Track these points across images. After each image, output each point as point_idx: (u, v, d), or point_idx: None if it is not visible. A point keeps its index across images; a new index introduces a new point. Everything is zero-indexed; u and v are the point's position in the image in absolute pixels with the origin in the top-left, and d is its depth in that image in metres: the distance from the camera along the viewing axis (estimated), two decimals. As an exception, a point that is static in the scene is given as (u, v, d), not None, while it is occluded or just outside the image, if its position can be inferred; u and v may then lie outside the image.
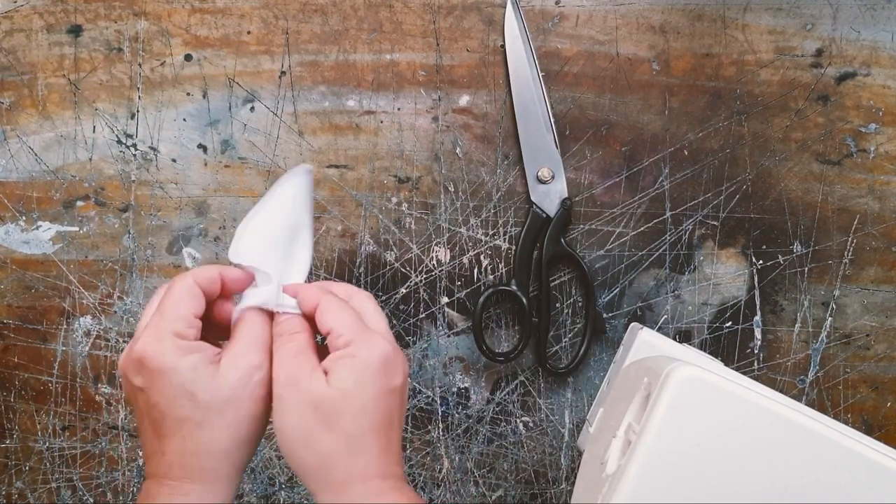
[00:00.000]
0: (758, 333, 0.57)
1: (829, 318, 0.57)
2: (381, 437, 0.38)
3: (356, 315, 0.40)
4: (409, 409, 0.58)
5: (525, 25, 0.56)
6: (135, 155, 0.57)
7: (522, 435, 0.58)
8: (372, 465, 0.37)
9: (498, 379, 0.58)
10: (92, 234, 0.57)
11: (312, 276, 0.57)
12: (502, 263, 0.57)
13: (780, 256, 0.57)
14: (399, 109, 0.57)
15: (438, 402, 0.58)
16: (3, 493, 0.58)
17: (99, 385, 0.58)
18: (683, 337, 0.57)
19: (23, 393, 0.58)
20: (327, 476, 0.37)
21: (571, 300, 0.57)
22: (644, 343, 0.52)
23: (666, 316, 0.57)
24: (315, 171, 0.57)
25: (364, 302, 0.41)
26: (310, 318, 0.40)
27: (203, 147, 0.57)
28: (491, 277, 0.57)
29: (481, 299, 0.55)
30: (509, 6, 0.55)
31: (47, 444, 0.58)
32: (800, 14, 0.56)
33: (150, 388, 0.36)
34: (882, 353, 0.57)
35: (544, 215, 0.56)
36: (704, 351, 0.56)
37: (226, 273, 0.41)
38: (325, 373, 0.38)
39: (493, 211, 0.57)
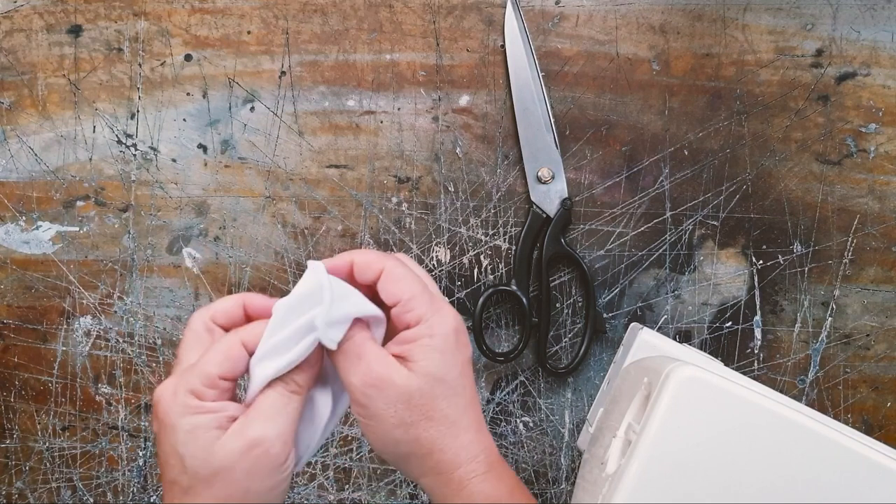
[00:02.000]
0: (758, 333, 0.57)
1: (829, 318, 0.57)
2: (474, 410, 0.38)
3: (423, 283, 0.38)
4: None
5: (525, 25, 0.56)
6: (135, 155, 0.57)
7: (522, 435, 0.58)
8: (474, 441, 0.38)
9: (498, 379, 0.58)
10: (92, 234, 0.57)
11: (312, 276, 0.57)
12: (502, 263, 0.57)
13: (780, 256, 0.57)
14: (399, 109, 0.57)
15: (438, 402, 0.58)
16: (3, 493, 0.58)
17: (99, 385, 0.58)
18: (683, 337, 0.57)
19: (23, 393, 0.58)
20: (437, 462, 0.37)
21: (571, 300, 0.57)
22: (644, 343, 0.52)
23: (666, 316, 0.57)
24: (316, 171, 0.57)
25: (412, 265, 0.39)
26: (363, 285, 0.38)
27: (203, 147, 0.57)
28: (491, 277, 0.57)
29: (481, 299, 0.55)
30: (509, 6, 0.55)
31: (47, 444, 0.58)
32: (800, 14, 0.56)
33: (157, 435, 0.36)
34: (882, 353, 0.57)
35: (544, 215, 0.56)
36: (704, 351, 0.56)
37: (249, 301, 0.38)
38: (402, 359, 0.37)
39: (493, 211, 0.57)
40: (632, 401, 0.44)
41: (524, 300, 0.55)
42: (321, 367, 0.38)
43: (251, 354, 0.36)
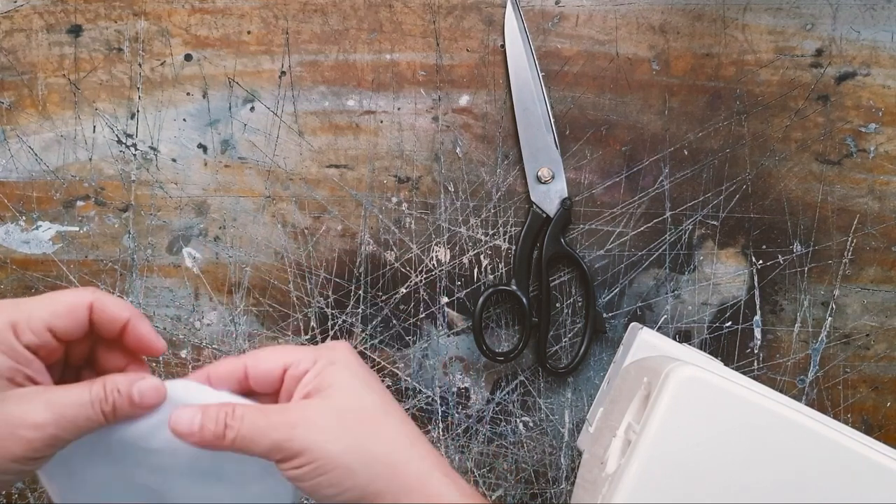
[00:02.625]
0: (758, 333, 0.57)
1: (829, 318, 0.57)
2: (410, 422, 0.36)
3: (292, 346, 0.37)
4: (408, 409, 0.58)
5: (525, 25, 0.56)
6: (135, 155, 0.57)
7: (522, 435, 0.58)
8: (430, 451, 0.36)
9: (498, 379, 0.58)
10: (92, 234, 0.57)
11: (313, 277, 0.57)
12: (502, 263, 0.57)
13: (779, 256, 0.57)
14: (399, 109, 0.57)
15: (438, 402, 0.58)
16: (3, 492, 0.58)
17: (99, 385, 0.58)
18: (683, 337, 0.57)
19: (23, 393, 0.58)
20: (406, 480, 0.34)
21: (571, 300, 0.57)
22: (644, 343, 0.52)
23: (666, 316, 0.57)
24: (316, 171, 0.57)
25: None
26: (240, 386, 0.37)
27: (203, 147, 0.57)
28: (491, 277, 0.57)
29: (481, 299, 0.55)
30: (509, 6, 0.55)
31: (47, 444, 0.58)
32: (800, 14, 0.56)
33: None
34: (882, 353, 0.57)
35: (544, 215, 0.56)
36: (704, 351, 0.56)
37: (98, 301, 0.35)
38: (315, 392, 0.35)
39: (493, 211, 0.57)
40: (632, 401, 0.44)
41: (524, 300, 0.55)
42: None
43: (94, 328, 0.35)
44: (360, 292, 0.57)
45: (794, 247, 0.57)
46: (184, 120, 0.57)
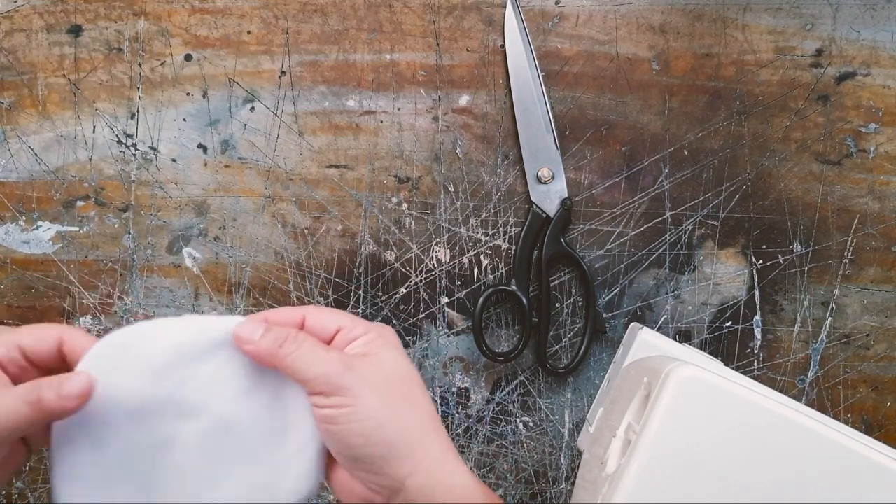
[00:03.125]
0: (758, 333, 0.57)
1: (829, 318, 0.57)
2: (436, 410, 0.39)
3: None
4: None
5: (525, 25, 0.56)
6: (135, 155, 0.57)
7: (522, 435, 0.58)
8: (447, 437, 0.37)
9: (498, 379, 0.58)
10: (92, 234, 0.57)
11: (313, 277, 0.57)
12: (502, 263, 0.57)
13: (780, 256, 0.57)
14: (399, 109, 0.57)
15: (438, 402, 0.58)
16: (3, 492, 0.58)
17: (99, 385, 0.58)
18: (683, 337, 0.57)
19: (23, 393, 0.58)
20: (427, 451, 0.36)
21: (571, 300, 0.57)
22: (644, 343, 0.52)
23: (666, 316, 0.57)
24: (316, 171, 0.57)
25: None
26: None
27: (203, 147, 0.57)
28: (491, 277, 0.57)
29: (481, 299, 0.55)
30: (509, 6, 0.55)
31: (47, 444, 0.58)
32: (800, 14, 0.56)
33: None
34: (882, 353, 0.57)
35: (544, 215, 0.56)
36: (704, 351, 0.56)
37: (69, 336, 0.37)
38: (362, 356, 0.37)
39: (493, 211, 0.57)
40: (632, 401, 0.44)
41: (524, 300, 0.55)
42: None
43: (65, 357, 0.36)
44: (360, 292, 0.57)
45: (794, 247, 0.57)
46: (184, 120, 0.57)
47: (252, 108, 0.57)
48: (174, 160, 0.57)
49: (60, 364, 0.37)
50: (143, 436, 0.36)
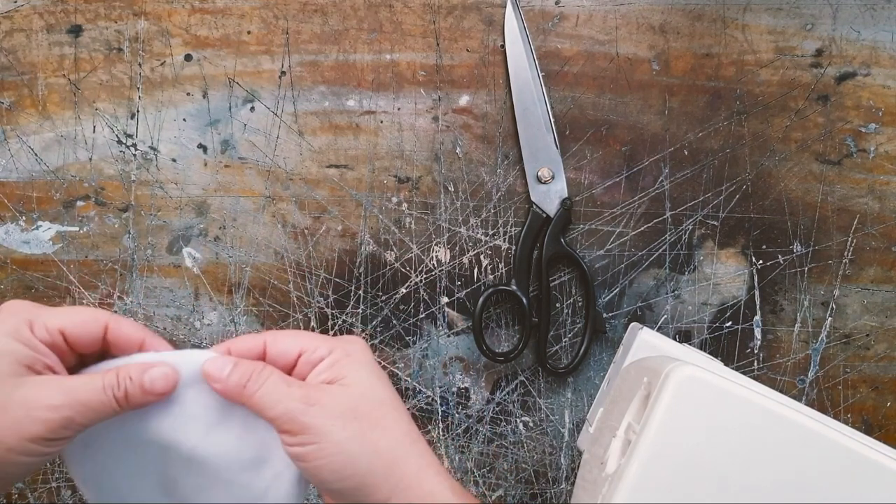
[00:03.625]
0: (758, 333, 0.57)
1: (829, 318, 0.57)
2: (412, 421, 0.37)
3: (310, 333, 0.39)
4: (409, 409, 0.58)
5: (525, 25, 0.56)
6: (135, 155, 0.57)
7: (522, 435, 0.58)
8: (427, 450, 0.37)
9: (498, 379, 0.58)
10: (92, 234, 0.57)
11: (313, 277, 0.57)
12: (502, 263, 0.57)
13: (780, 256, 0.57)
14: (399, 109, 0.57)
15: (438, 402, 0.58)
16: (3, 493, 0.58)
17: (99, 385, 0.58)
18: (683, 337, 0.57)
19: (23, 393, 0.58)
20: (402, 476, 0.35)
21: (571, 300, 0.57)
22: (644, 343, 0.52)
23: (666, 316, 0.57)
24: (316, 171, 0.57)
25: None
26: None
27: (203, 147, 0.57)
28: (491, 277, 0.57)
29: (481, 299, 0.55)
30: (509, 6, 0.55)
31: (47, 444, 0.58)
32: (800, 14, 0.56)
33: None
34: (882, 353, 0.57)
35: (544, 215, 0.56)
36: (704, 351, 0.56)
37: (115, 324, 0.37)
38: (329, 383, 0.36)
39: (493, 211, 0.57)
40: (632, 401, 0.44)
41: (524, 300, 0.55)
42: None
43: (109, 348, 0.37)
44: (360, 292, 0.57)
45: (794, 247, 0.57)
46: (184, 120, 0.57)
47: (252, 108, 0.57)
48: (174, 160, 0.57)
49: (103, 350, 0.37)
50: (140, 459, 0.38)
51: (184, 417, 0.37)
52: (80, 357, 0.38)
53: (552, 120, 0.56)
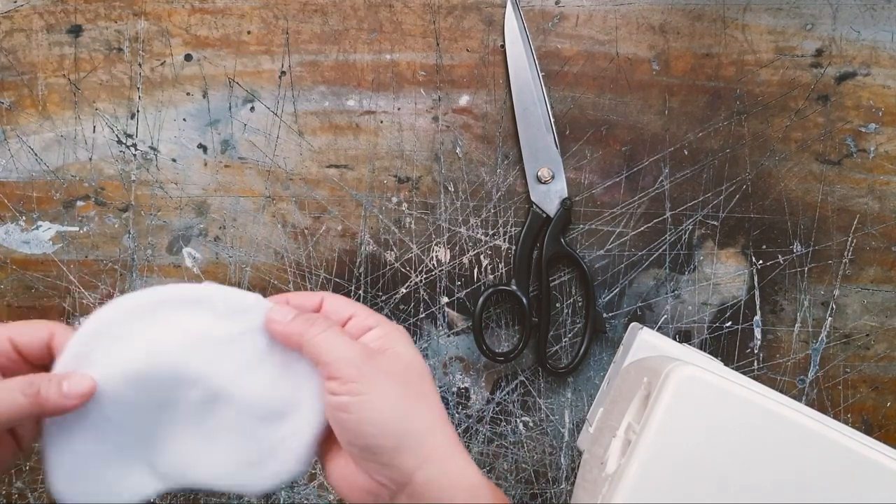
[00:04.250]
0: (758, 333, 0.57)
1: (829, 318, 0.57)
2: (445, 410, 0.39)
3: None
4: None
5: (525, 25, 0.56)
6: (135, 155, 0.57)
7: (522, 435, 0.58)
8: (455, 433, 0.38)
9: (498, 379, 0.58)
10: (92, 234, 0.57)
11: (312, 276, 0.57)
12: (502, 263, 0.57)
13: (780, 256, 0.57)
14: (399, 109, 0.57)
15: (438, 402, 0.58)
16: (3, 492, 0.58)
17: (99, 385, 0.58)
18: (683, 337, 0.57)
19: (23, 393, 0.58)
20: (435, 446, 0.36)
21: (571, 300, 0.57)
22: (644, 343, 0.52)
23: (666, 316, 0.57)
24: (316, 171, 0.57)
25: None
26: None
27: (203, 147, 0.57)
28: (491, 277, 0.57)
29: (481, 299, 0.55)
30: (509, 6, 0.55)
31: (47, 444, 0.58)
32: (800, 14, 0.56)
33: None
34: (882, 353, 0.57)
35: (544, 215, 0.56)
36: (704, 351, 0.56)
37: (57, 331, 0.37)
38: (378, 350, 0.38)
39: (493, 211, 0.57)
40: (632, 401, 0.44)
41: (524, 300, 0.55)
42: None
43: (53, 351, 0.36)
44: (360, 292, 0.57)
45: (794, 247, 0.57)
46: (184, 120, 0.57)
47: (252, 108, 0.57)
48: (174, 160, 0.57)
49: (49, 359, 0.37)
50: (141, 398, 0.37)
51: (213, 357, 0.37)
52: (31, 367, 0.37)
53: (552, 120, 0.56)
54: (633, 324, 0.56)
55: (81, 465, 0.37)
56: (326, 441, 0.39)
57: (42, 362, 0.37)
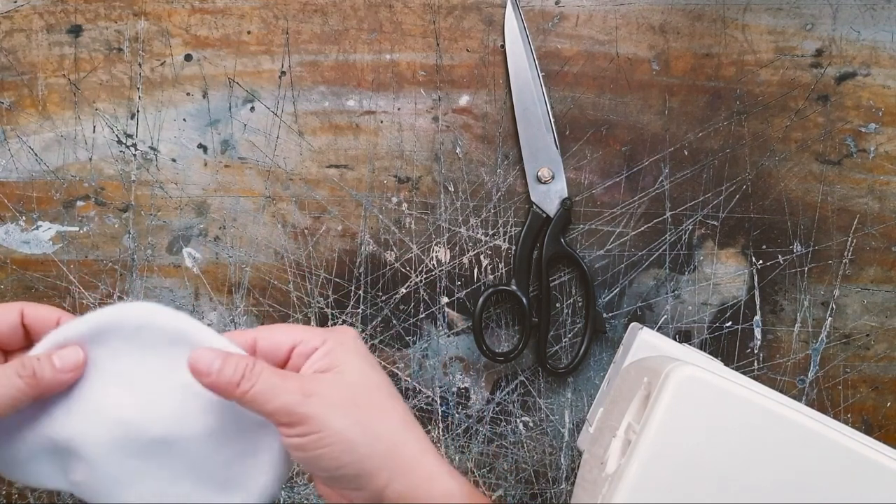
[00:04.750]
0: (758, 333, 0.57)
1: (829, 318, 0.57)
2: (407, 406, 0.37)
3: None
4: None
5: (525, 25, 0.56)
6: (135, 155, 0.57)
7: (522, 435, 0.58)
8: (423, 436, 0.37)
9: (498, 379, 0.58)
10: (92, 234, 0.57)
11: (313, 277, 0.57)
12: (502, 263, 0.57)
13: (780, 256, 0.57)
14: (399, 109, 0.57)
15: (438, 402, 0.58)
16: (3, 492, 0.58)
17: (99, 385, 0.58)
18: (683, 337, 0.57)
19: (23, 393, 0.58)
20: (401, 460, 0.35)
21: (571, 300, 0.57)
22: (644, 343, 0.52)
23: (666, 316, 0.57)
24: (316, 171, 0.57)
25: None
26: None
27: (203, 147, 0.57)
28: (491, 277, 0.57)
29: (481, 299, 0.55)
30: (509, 6, 0.55)
31: (47, 444, 0.58)
32: (800, 14, 0.56)
33: None
34: (882, 353, 0.57)
35: (544, 215, 0.56)
36: (704, 351, 0.56)
37: (30, 310, 0.37)
38: (323, 372, 0.36)
39: (493, 211, 0.57)
40: (632, 401, 0.44)
41: (524, 300, 0.55)
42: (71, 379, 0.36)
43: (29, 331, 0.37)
44: (360, 292, 0.57)
45: (794, 247, 0.57)
46: (184, 120, 0.57)
47: (252, 108, 0.57)
48: (174, 160, 0.57)
49: (25, 342, 0.38)
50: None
51: (156, 391, 0.36)
52: (5, 355, 0.38)
53: (552, 120, 0.56)
54: (633, 324, 0.56)
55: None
56: None
57: (16, 346, 0.38)
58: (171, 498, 0.37)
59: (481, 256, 0.57)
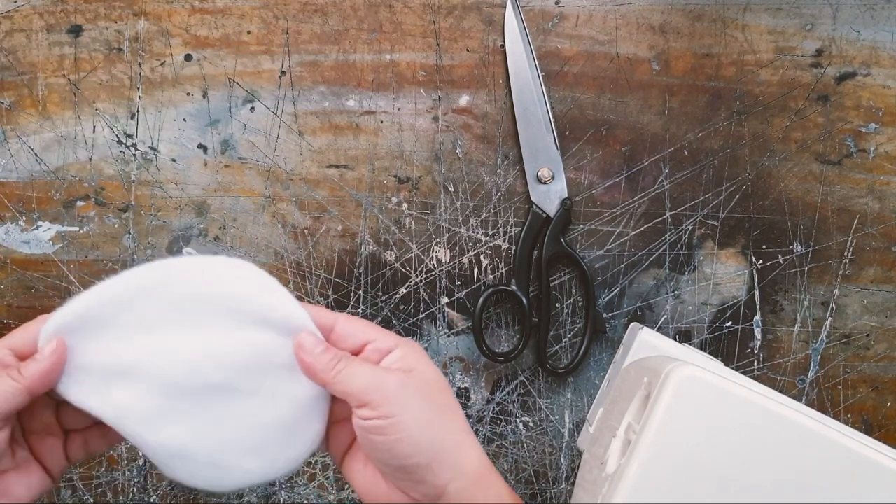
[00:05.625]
0: (758, 333, 0.57)
1: (829, 318, 0.57)
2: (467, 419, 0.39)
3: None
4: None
5: (525, 25, 0.56)
6: (135, 155, 0.57)
7: (522, 435, 0.58)
8: (476, 440, 0.39)
9: (498, 379, 0.58)
10: (92, 234, 0.57)
11: (313, 277, 0.57)
12: (502, 263, 0.57)
13: (780, 256, 0.57)
14: (399, 109, 0.57)
15: (438, 402, 0.58)
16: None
17: (99, 385, 0.58)
18: (683, 337, 0.57)
19: (23, 393, 0.58)
20: (466, 459, 0.37)
21: (571, 300, 0.57)
22: (644, 343, 0.52)
23: (666, 316, 0.57)
24: (316, 171, 0.57)
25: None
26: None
27: (203, 147, 0.57)
28: (491, 277, 0.57)
29: (481, 299, 0.55)
30: (509, 6, 0.55)
31: (47, 444, 0.58)
32: (800, 14, 0.56)
33: None
34: (882, 353, 0.57)
35: (544, 215, 0.56)
36: (704, 351, 0.56)
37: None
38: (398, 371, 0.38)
39: (493, 211, 0.57)
40: (632, 401, 0.44)
41: (524, 300, 0.55)
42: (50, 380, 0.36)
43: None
44: (360, 292, 0.57)
45: (794, 247, 0.57)
46: (184, 120, 0.57)
47: (252, 108, 0.57)
48: (174, 160, 0.57)
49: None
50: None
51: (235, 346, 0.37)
52: None
53: (552, 120, 0.56)
54: (633, 324, 0.56)
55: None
56: (344, 443, 0.40)
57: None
58: (201, 447, 0.38)
59: (481, 256, 0.57)
